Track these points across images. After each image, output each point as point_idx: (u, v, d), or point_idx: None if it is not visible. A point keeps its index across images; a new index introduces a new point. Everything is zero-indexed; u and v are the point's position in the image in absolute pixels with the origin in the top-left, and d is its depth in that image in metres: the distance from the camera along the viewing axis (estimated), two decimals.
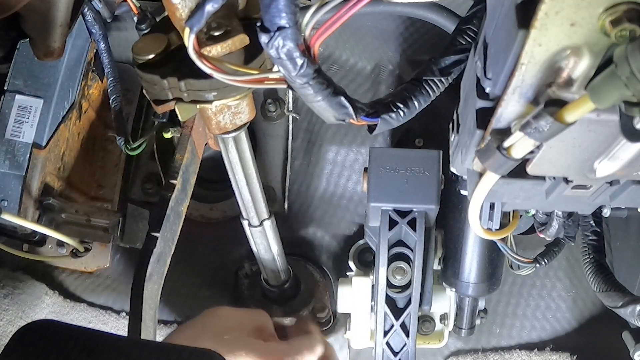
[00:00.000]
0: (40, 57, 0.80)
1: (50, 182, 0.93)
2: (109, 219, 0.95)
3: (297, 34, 0.48)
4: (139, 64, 0.58)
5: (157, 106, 0.60)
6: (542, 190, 0.65)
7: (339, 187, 1.14)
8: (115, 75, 1.00)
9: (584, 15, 0.41)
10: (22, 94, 0.90)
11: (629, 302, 0.82)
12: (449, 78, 0.66)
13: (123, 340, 0.60)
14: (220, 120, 0.64)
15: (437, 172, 0.87)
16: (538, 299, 1.14)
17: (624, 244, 0.90)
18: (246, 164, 0.77)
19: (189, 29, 0.51)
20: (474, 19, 0.65)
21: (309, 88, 0.52)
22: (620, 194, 0.63)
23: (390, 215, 0.88)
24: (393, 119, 0.63)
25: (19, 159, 0.88)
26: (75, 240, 0.93)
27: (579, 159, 0.55)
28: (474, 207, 0.65)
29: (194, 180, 0.92)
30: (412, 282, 0.89)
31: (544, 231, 0.89)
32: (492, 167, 0.55)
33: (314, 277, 1.11)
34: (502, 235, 0.83)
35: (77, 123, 0.98)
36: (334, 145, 1.12)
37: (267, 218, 0.88)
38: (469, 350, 1.13)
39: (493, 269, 0.96)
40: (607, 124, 0.49)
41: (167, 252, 0.86)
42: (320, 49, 0.51)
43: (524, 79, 0.47)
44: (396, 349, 0.92)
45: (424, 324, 1.07)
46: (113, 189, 1.04)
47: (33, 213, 0.90)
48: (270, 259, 0.95)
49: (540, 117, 0.47)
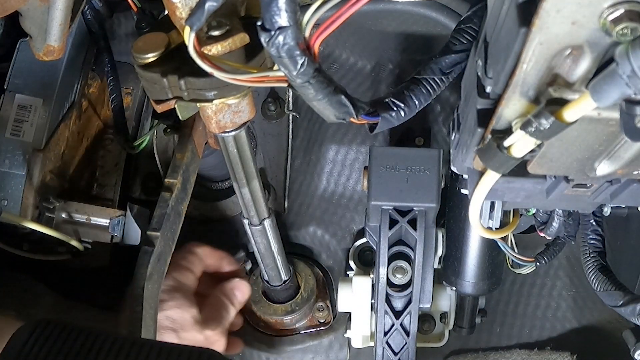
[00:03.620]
0: (40, 57, 0.80)
1: (50, 181, 0.93)
2: (109, 218, 0.95)
3: (298, 32, 0.48)
4: (139, 63, 0.58)
5: (157, 105, 0.60)
6: (543, 189, 0.65)
7: (339, 186, 1.14)
8: (115, 74, 1.00)
9: (585, 14, 0.41)
10: (22, 93, 0.90)
11: (629, 301, 0.82)
12: (449, 77, 0.66)
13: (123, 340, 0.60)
14: (220, 119, 0.64)
15: (437, 171, 0.87)
16: (538, 298, 1.14)
17: (624, 243, 0.90)
18: (246, 163, 0.77)
19: (189, 27, 0.51)
20: (474, 17, 0.65)
21: (310, 87, 0.52)
22: (620, 193, 0.63)
23: (390, 214, 0.88)
24: (393, 117, 0.63)
25: (19, 158, 0.88)
26: (75, 240, 0.93)
27: (579, 158, 0.55)
28: (474, 206, 0.65)
29: (194, 180, 0.92)
30: (413, 281, 0.89)
31: (544, 230, 0.89)
32: (493, 166, 0.55)
33: (314, 276, 1.11)
34: (502, 234, 0.84)
35: (77, 122, 0.98)
36: (334, 144, 1.12)
37: (267, 217, 0.88)
38: (469, 350, 1.13)
39: (493, 268, 0.96)
40: (608, 123, 0.49)
41: (167, 252, 0.86)
42: (320, 47, 0.51)
43: (524, 77, 0.47)
44: (396, 348, 0.92)
45: (424, 323, 1.07)
46: (113, 188, 1.04)
47: (33, 212, 0.90)
48: (271, 257, 0.95)
49: (541, 115, 0.47)
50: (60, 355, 0.55)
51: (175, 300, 0.89)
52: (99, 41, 0.99)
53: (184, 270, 0.94)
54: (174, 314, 0.89)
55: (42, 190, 0.91)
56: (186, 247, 0.98)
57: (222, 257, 1.02)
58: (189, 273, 0.95)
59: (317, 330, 1.11)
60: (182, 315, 0.89)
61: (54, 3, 0.75)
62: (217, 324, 0.94)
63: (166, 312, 0.88)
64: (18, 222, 0.86)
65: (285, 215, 1.15)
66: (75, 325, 0.59)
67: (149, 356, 0.56)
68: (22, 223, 0.86)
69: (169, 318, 0.88)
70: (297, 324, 1.10)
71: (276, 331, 1.10)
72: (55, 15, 0.76)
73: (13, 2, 0.71)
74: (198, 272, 0.97)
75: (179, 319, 0.89)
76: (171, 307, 0.89)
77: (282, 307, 1.07)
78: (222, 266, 1.03)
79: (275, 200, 1.14)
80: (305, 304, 1.07)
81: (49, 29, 0.77)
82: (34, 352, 0.54)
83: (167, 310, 0.88)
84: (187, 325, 0.89)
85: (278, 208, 1.14)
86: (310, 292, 1.09)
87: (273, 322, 1.08)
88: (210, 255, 1.00)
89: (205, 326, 0.92)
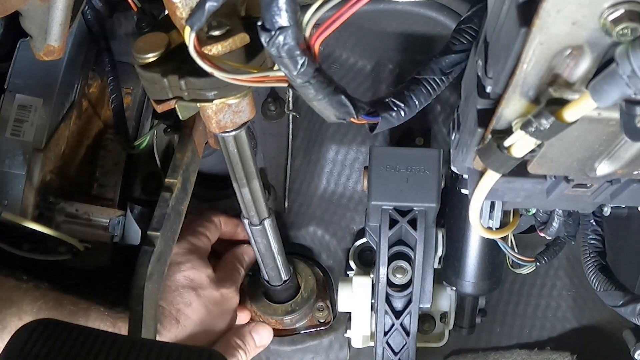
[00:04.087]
0: (40, 57, 0.80)
1: (51, 181, 0.93)
2: (109, 218, 0.95)
3: (298, 32, 0.48)
4: (140, 63, 0.58)
5: (158, 105, 0.61)
6: (543, 189, 0.65)
7: (339, 186, 1.14)
8: (115, 74, 1.00)
9: (586, 14, 0.41)
10: (22, 93, 0.90)
11: (629, 300, 0.82)
12: (449, 77, 0.66)
13: (123, 340, 0.60)
14: (220, 119, 0.64)
15: (437, 171, 0.87)
16: (538, 298, 1.14)
17: (624, 243, 0.90)
18: (246, 163, 0.77)
19: (190, 27, 0.51)
20: (474, 17, 0.65)
21: (310, 87, 0.52)
22: (620, 193, 0.63)
23: (390, 214, 0.88)
24: (393, 117, 0.63)
25: (19, 158, 0.88)
26: (75, 240, 0.93)
27: (579, 158, 0.55)
28: (474, 206, 0.65)
29: (194, 179, 0.92)
30: (413, 281, 0.89)
31: (544, 230, 0.89)
32: (493, 166, 0.56)
33: (314, 276, 1.11)
34: (502, 234, 0.84)
35: (77, 122, 0.98)
36: (335, 144, 1.12)
37: (267, 217, 0.88)
38: (469, 350, 1.13)
39: (493, 268, 0.96)
40: (608, 123, 0.49)
41: (167, 252, 0.86)
42: (320, 47, 0.51)
43: (525, 78, 0.47)
44: (396, 348, 0.92)
45: (424, 323, 1.07)
46: (113, 187, 1.04)
47: (33, 212, 0.90)
48: (271, 257, 0.95)
49: (541, 115, 0.47)
50: (60, 355, 0.55)
51: (191, 262, 0.94)
52: (99, 41, 0.99)
53: (199, 235, 0.99)
54: (192, 274, 0.93)
55: (42, 190, 0.91)
56: (204, 215, 1.04)
57: (237, 224, 1.07)
58: (204, 237, 1.00)
59: (317, 330, 1.11)
60: (199, 274, 0.94)
61: (54, 3, 0.75)
62: (232, 283, 0.99)
63: (184, 272, 0.93)
64: (18, 222, 0.86)
65: (285, 215, 1.15)
66: (75, 325, 0.59)
67: (149, 356, 0.56)
68: (22, 223, 0.86)
69: (187, 278, 0.93)
70: (297, 324, 1.10)
71: (276, 331, 1.10)
72: (55, 15, 0.76)
73: (13, 2, 0.71)
74: (213, 238, 1.03)
75: (196, 279, 0.93)
76: (188, 268, 0.93)
77: (282, 307, 1.07)
78: (237, 233, 1.08)
79: (275, 200, 1.14)
80: (305, 304, 1.07)
81: (49, 29, 0.77)
82: (34, 352, 0.54)
83: (184, 271, 0.93)
84: (204, 284, 0.94)
85: (278, 208, 1.14)
86: (310, 292, 1.09)
87: (273, 322, 1.08)
88: (226, 223, 1.06)
89: (220, 285, 0.97)
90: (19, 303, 0.82)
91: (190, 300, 0.91)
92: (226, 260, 1.04)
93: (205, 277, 0.94)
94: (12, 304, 0.81)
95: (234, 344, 0.99)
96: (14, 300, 0.82)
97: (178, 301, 0.90)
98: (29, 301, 0.82)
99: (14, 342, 0.56)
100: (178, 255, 0.94)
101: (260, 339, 1.04)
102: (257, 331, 1.04)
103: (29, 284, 0.85)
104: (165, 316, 0.88)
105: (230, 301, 0.98)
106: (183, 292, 0.91)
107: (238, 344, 0.99)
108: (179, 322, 0.89)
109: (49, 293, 0.85)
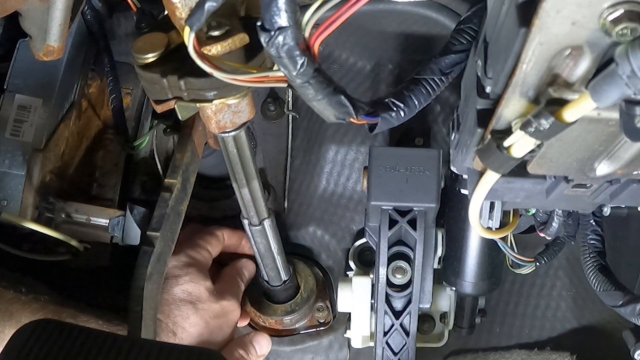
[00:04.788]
0: (40, 57, 0.80)
1: (50, 181, 0.93)
2: (109, 218, 0.95)
3: (298, 33, 0.48)
4: (139, 63, 0.58)
5: (157, 105, 0.61)
6: (543, 189, 0.65)
7: (339, 186, 1.14)
8: (115, 74, 1.00)
9: (585, 14, 0.41)
10: (22, 93, 0.90)
11: (629, 301, 0.82)
12: (449, 77, 0.66)
13: (123, 340, 0.60)
14: (220, 120, 0.64)
15: (437, 171, 0.87)
16: (538, 298, 1.14)
17: (624, 243, 0.90)
18: (246, 163, 0.77)
19: (189, 28, 0.51)
20: (474, 18, 0.65)
21: (309, 87, 0.52)
22: (620, 193, 0.63)
23: (390, 214, 0.88)
24: (393, 118, 0.63)
25: (19, 158, 0.88)
26: (74, 240, 0.93)
27: (579, 158, 0.55)
28: (474, 206, 0.65)
29: (194, 180, 0.92)
30: (412, 281, 0.89)
31: (544, 230, 0.89)
32: (493, 166, 0.56)
33: (314, 276, 1.11)
34: (502, 234, 0.84)
35: (77, 122, 0.98)
36: (334, 144, 1.12)
37: (267, 217, 0.88)
38: (469, 350, 1.13)
39: (493, 268, 0.96)
40: (608, 123, 0.49)
41: (167, 252, 0.86)
42: (320, 47, 0.51)
43: (524, 78, 0.47)
44: (396, 348, 0.92)
45: (424, 323, 1.07)
46: (113, 188, 1.04)
47: (33, 212, 0.90)
48: (270, 258, 0.95)
49: (541, 116, 0.47)
50: (60, 355, 0.55)
51: (189, 275, 0.94)
52: (99, 41, 0.99)
53: (199, 248, 0.99)
54: (190, 287, 0.93)
55: (42, 190, 0.91)
56: (208, 229, 1.03)
57: (241, 237, 1.07)
58: (204, 251, 0.99)
59: (317, 330, 1.11)
60: (197, 288, 0.93)
61: (53, 3, 0.75)
62: (233, 295, 0.99)
63: (181, 285, 0.92)
64: (18, 222, 0.86)
65: (285, 215, 1.14)
66: (75, 325, 0.60)
67: (149, 356, 0.56)
68: (22, 223, 0.86)
69: (185, 291, 0.92)
70: (297, 324, 1.10)
71: (276, 331, 1.10)
72: (55, 16, 0.76)
73: (13, 2, 0.71)
74: (215, 252, 1.02)
75: (194, 292, 0.93)
76: (186, 281, 0.93)
77: (282, 307, 1.07)
78: (242, 246, 1.08)
79: (275, 200, 1.14)
80: (305, 304, 1.07)
81: (48, 29, 0.77)
82: (34, 352, 0.55)
83: (182, 284, 0.92)
84: (202, 297, 0.93)
85: (278, 208, 1.14)
86: (310, 292, 1.09)
87: (273, 323, 1.08)
88: (230, 236, 1.05)
89: (221, 297, 0.96)
90: (17, 315, 0.81)
91: (188, 313, 0.91)
92: (226, 273, 1.04)
93: (204, 290, 0.94)
94: (11, 316, 0.80)
95: (237, 356, 0.98)
96: (13, 313, 0.81)
97: (175, 314, 0.90)
98: (28, 313, 0.82)
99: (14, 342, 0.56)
100: (176, 269, 0.93)
101: (261, 349, 1.03)
102: (258, 341, 1.03)
103: (29, 296, 0.84)
104: (162, 329, 0.88)
105: (231, 314, 0.98)
106: (181, 306, 0.91)
107: (242, 356, 0.99)
108: (176, 335, 0.89)
109: (48, 305, 0.84)
